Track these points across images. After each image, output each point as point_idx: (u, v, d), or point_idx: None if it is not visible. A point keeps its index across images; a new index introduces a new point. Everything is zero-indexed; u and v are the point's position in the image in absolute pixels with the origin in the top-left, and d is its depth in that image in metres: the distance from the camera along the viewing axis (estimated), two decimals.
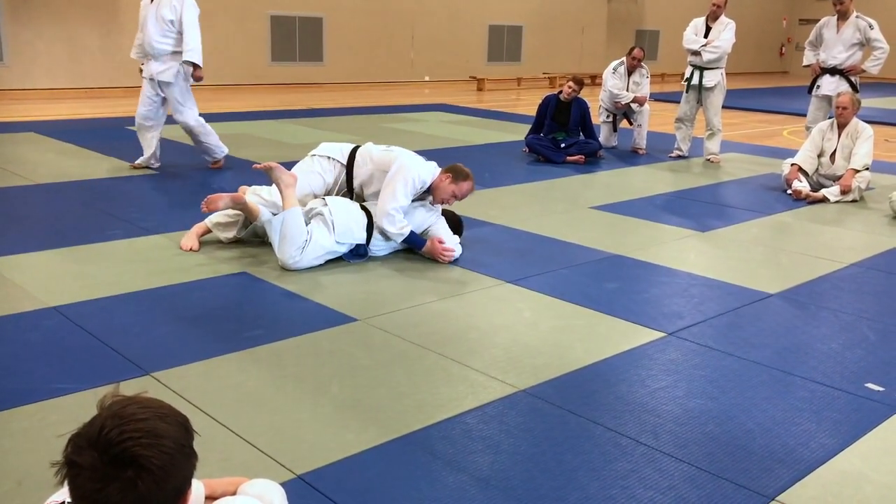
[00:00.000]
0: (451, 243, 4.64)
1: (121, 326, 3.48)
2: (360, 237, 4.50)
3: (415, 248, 4.64)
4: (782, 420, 2.89)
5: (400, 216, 4.55)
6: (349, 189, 4.83)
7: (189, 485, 1.26)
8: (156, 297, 3.88)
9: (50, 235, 4.82)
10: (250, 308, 3.81)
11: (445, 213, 4.87)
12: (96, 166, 7.02)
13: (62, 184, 6.28)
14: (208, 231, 4.72)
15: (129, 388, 2.89)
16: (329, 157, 4.83)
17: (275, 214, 4.39)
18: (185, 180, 6.59)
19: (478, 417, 2.82)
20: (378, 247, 4.61)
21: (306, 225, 4.40)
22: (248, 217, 4.56)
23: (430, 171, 4.67)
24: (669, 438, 2.73)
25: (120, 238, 4.83)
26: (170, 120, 7.04)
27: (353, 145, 4.91)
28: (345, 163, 4.80)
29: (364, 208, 4.57)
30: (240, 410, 2.80)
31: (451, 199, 4.70)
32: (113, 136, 8.73)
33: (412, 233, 4.60)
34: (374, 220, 4.55)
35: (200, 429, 1.27)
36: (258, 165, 4.45)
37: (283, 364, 3.19)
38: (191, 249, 4.58)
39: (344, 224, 4.42)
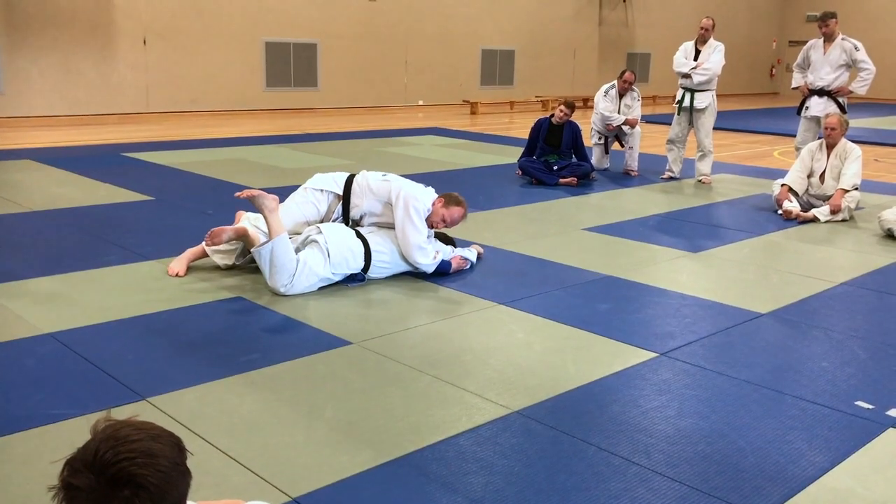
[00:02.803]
0: (461, 253, 4.93)
1: (117, 352, 3.50)
2: (357, 266, 4.53)
3: (445, 271, 4.75)
4: (773, 438, 2.92)
5: (430, 246, 4.70)
6: (345, 218, 4.86)
7: (185, 502, 1.28)
8: (151, 322, 3.90)
9: (46, 262, 4.85)
10: (245, 333, 3.84)
11: (438, 236, 4.97)
12: (92, 193, 7.05)
13: (58, 210, 6.31)
14: (200, 257, 4.74)
15: (126, 412, 2.92)
16: (322, 190, 4.85)
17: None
18: (181, 206, 6.63)
19: (472, 439, 2.84)
20: (376, 271, 4.64)
21: (300, 251, 4.44)
22: (247, 245, 4.58)
23: (430, 196, 4.78)
24: (662, 458, 2.76)
25: (116, 264, 4.85)
26: (165, 146, 7.07)
27: (348, 174, 4.94)
28: (340, 193, 4.84)
29: (360, 235, 4.60)
30: (235, 434, 2.82)
31: (440, 223, 4.76)
32: (108, 162, 8.78)
33: (443, 260, 4.73)
34: (406, 256, 4.65)
35: (196, 453, 1.30)
36: (240, 194, 4.44)
37: (278, 388, 3.22)
38: (177, 275, 4.59)
39: (339, 254, 4.45)
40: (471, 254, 5.03)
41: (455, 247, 5.02)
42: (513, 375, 3.41)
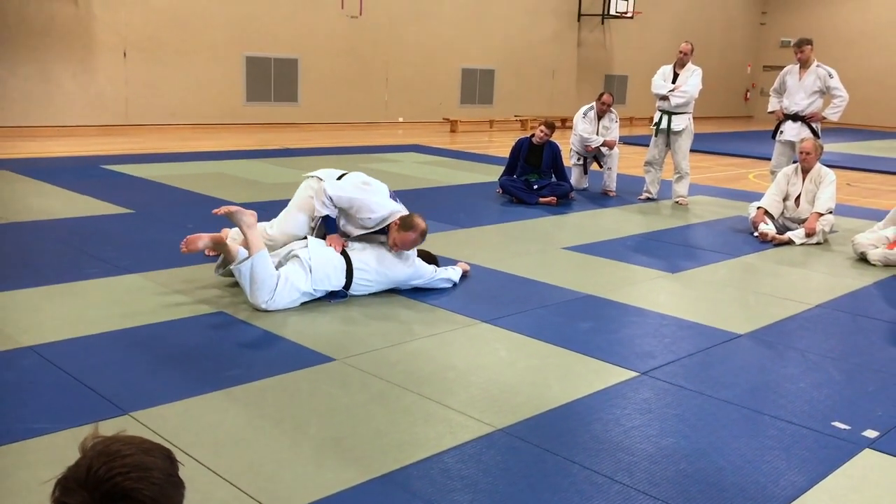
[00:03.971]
0: (443, 274, 4.93)
1: (98, 366, 3.48)
2: (338, 283, 4.53)
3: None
4: (753, 458, 2.96)
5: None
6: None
7: None
8: (133, 336, 3.88)
9: (25, 274, 4.80)
10: (228, 347, 3.83)
11: (421, 254, 4.96)
12: (71, 205, 7.00)
13: (37, 222, 6.26)
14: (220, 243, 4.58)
15: (109, 427, 2.89)
16: (319, 178, 4.84)
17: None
18: (161, 220, 6.60)
19: (456, 457, 2.86)
20: (358, 288, 4.64)
21: (282, 266, 4.44)
22: (226, 258, 4.56)
23: (385, 206, 4.69)
24: (644, 476, 2.79)
25: (96, 277, 4.82)
26: (145, 159, 7.05)
27: (343, 172, 4.95)
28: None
29: (344, 252, 4.61)
30: (219, 450, 2.81)
31: (393, 245, 4.68)
32: (87, 174, 8.72)
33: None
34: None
35: (180, 469, 1.31)
36: (218, 211, 4.40)
37: (262, 404, 3.21)
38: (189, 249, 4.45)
39: (321, 270, 4.45)
40: (455, 273, 5.04)
41: (438, 266, 5.03)
42: (496, 393, 3.43)
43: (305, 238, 4.68)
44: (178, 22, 13.87)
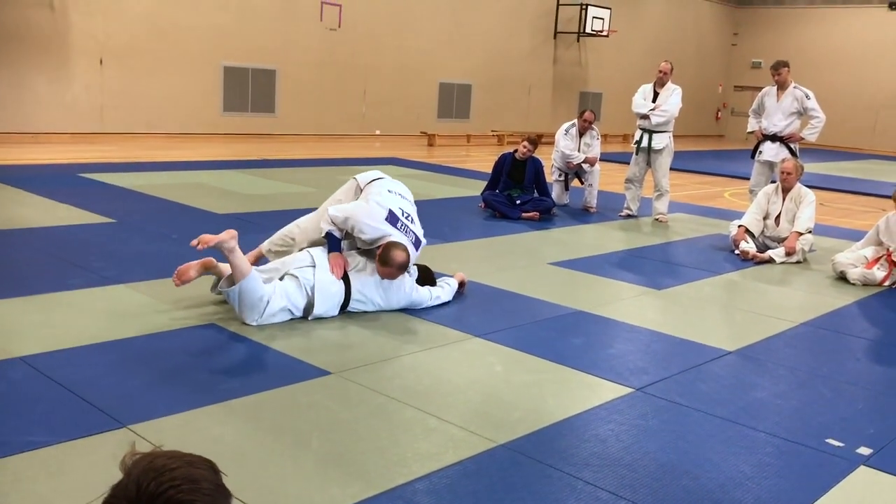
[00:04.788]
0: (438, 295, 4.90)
1: (91, 377, 3.42)
2: (331, 313, 4.49)
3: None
4: (752, 475, 2.99)
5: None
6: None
7: None
8: (124, 347, 3.82)
9: (9, 284, 4.71)
10: (222, 360, 3.79)
11: (420, 268, 4.97)
12: (51, 214, 6.89)
13: (17, 231, 6.15)
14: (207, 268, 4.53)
15: (107, 440, 2.86)
16: (354, 178, 5.00)
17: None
18: (143, 230, 6.52)
19: (460, 472, 2.85)
20: (352, 307, 4.60)
21: (279, 279, 4.39)
22: (217, 276, 4.48)
23: (376, 230, 4.65)
24: (647, 493, 2.80)
25: (81, 287, 4.74)
26: (122, 168, 6.96)
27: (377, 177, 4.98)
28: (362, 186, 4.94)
29: (346, 277, 4.56)
30: (221, 464, 2.73)
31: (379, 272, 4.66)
32: (65, 182, 8.59)
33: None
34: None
35: (224, 479, 1.29)
36: (197, 245, 4.18)
37: (261, 417, 3.18)
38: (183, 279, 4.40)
39: (321, 306, 4.41)
40: (448, 292, 4.97)
41: (435, 282, 5.00)
42: (494, 408, 3.43)
43: (311, 255, 4.59)
44: (156, 30, 13.76)
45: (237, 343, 4.02)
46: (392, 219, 4.69)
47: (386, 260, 4.53)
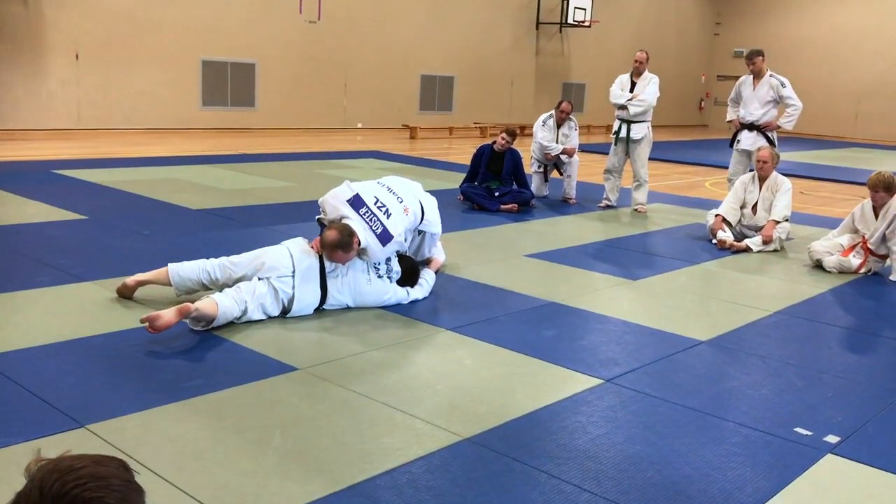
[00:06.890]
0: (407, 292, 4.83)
1: (52, 377, 3.37)
2: (308, 313, 4.44)
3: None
4: (719, 465, 2.98)
5: (393, 288, 4.75)
6: None
7: None
8: (88, 346, 3.77)
9: None
10: (187, 357, 3.74)
11: (404, 263, 4.93)
12: (22, 211, 6.81)
13: None
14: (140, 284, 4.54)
15: (65, 440, 2.82)
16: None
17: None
18: (116, 226, 6.44)
19: (423, 467, 2.82)
20: (330, 304, 4.55)
21: (253, 279, 4.32)
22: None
23: (336, 210, 4.69)
24: (611, 485, 2.78)
25: (48, 285, 4.68)
26: (98, 164, 6.88)
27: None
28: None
29: (323, 285, 4.48)
30: (181, 463, 2.73)
31: None
32: (38, 179, 8.49)
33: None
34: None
35: (141, 483, 1.25)
36: (147, 327, 3.87)
37: (224, 415, 3.14)
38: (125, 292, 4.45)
39: (298, 312, 4.36)
40: (424, 291, 4.92)
41: (419, 276, 4.95)
42: (462, 402, 3.40)
43: (292, 258, 4.44)
44: (133, 24, 13.62)
45: (204, 340, 3.97)
46: (357, 203, 4.61)
47: (321, 241, 4.45)
